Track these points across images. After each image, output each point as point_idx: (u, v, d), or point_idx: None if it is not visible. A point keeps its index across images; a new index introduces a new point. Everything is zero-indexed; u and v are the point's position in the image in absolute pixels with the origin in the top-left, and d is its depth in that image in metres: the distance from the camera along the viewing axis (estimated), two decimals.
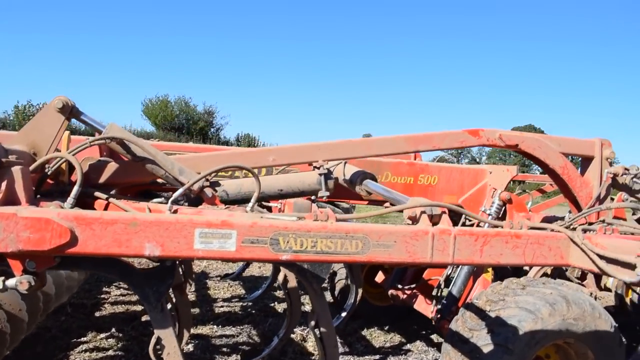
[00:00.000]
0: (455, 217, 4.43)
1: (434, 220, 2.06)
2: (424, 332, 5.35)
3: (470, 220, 4.30)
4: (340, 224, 1.92)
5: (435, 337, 5.18)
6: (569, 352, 3.26)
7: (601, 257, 2.00)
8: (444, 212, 2.06)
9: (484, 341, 3.02)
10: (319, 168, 2.65)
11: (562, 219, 3.45)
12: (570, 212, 3.38)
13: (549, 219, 3.55)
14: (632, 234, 2.34)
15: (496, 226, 2.22)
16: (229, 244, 1.75)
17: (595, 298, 4.14)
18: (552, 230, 2.18)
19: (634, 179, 3.25)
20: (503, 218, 4.09)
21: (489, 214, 3.97)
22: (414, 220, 2.08)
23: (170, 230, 1.67)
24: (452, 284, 4.05)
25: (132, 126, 34.19)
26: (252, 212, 2.34)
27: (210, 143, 36.74)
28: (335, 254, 1.90)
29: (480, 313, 3.19)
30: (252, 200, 2.31)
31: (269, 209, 3.56)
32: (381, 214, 2.11)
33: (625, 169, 3.19)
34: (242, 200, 2.65)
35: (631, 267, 1.89)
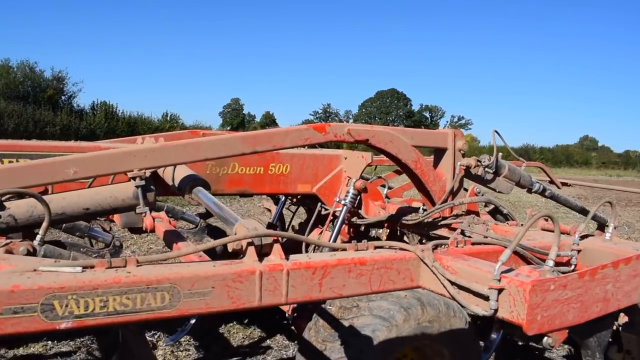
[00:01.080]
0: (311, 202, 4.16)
1: (264, 250, 1.68)
2: (285, 323, 5.09)
3: (326, 210, 4.05)
4: (142, 271, 1.49)
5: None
6: (425, 352, 3.13)
7: (453, 283, 1.76)
8: (276, 241, 1.69)
9: (337, 354, 2.77)
10: (135, 179, 2.17)
11: (417, 210, 3.27)
12: (424, 205, 3.21)
13: (403, 210, 3.37)
14: (487, 244, 2.14)
15: (338, 249, 1.89)
16: None
17: None
18: (401, 249, 1.91)
19: (486, 170, 3.13)
20: (359, 207, 3.87)
21: (344, 204, 3.71)
22: (239, 252, 1.69)
23: None
24: None
25: None
26: (39, 246, 1.84)
27: (62, 113, 33.60)
28: (134, 313, 1.47)
29: (333, 322, 2.93)
30: (40, 232, 1.80)
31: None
32: (207, 248, 1.69)
33: (477, 160, 3.05)
34: (38, 225, 2.11)
35: (484, 297, 1.67)
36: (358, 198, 3.79)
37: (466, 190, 3.18)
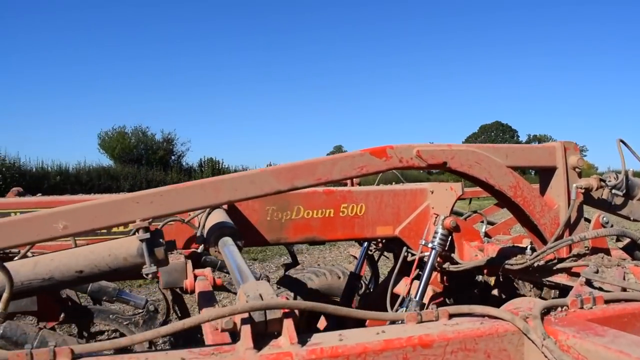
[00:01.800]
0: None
1: (271, 328, 1.12)
2: None
3: (413, 255, 3.40)
4: None
5: None
6: None
7: None
8: (288, 315, 1.12)
9: None
10: (138, 231, 1.70)
11: (524, 250, 2.56)
12: (531, 244, 2.49)
13: (506, 252, 2.66)
14: (630, 300, 1.42)
15: (396, 320, 1.27)
16: None
17: None
18: (490, 316, 1.26)
19: (614, 191, 2.37)
20: (451, 251, 3.18)
21: (432, 247, 3.05)
22: (233, 331, 1.13)
23: None
24: None
25: (85, 162, 32.65)
26: None
27: (172, 172, 35.31)
28: None
29: None
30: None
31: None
32: (167, 333, 1.16)
33: (600, 179, 2.31)
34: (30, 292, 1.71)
35: None
36: (449, 239, 3.12)
37: (588, 221, 2.43)
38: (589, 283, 1.77)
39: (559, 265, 2.24)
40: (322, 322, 4.37)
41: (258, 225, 3.08)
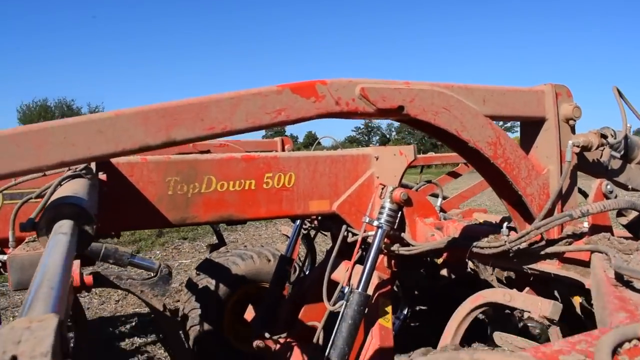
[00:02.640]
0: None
1: None
2: None
3: (355, 235, 2.79)
4: None
5: None
6: None
7: None
8: None
9: None
10: None
11: (497, 229, 1.98)
12: (509, 223, 1.91)
13: (473, 231, 2.08)
14: None
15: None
16: None
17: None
18: None
19: (611, 152, 1.83)
20: (401, 229, 2.59)
21: (378, 226, 2.45)
22: None
23: None
24: (332, 336, 2.47)
25: None
26: None
27: None
28: None
29: None
30: None
31: None
32: None
33: (602, 135, 1.75)
34: None
35: None
36: (399, 215, 2.52)
37: (583, 193, 1.89)
38: (619, 278, 1.19)
39: (549, 249, 1.67)
40: (249, 312, 3.73)
41: (156, 201, 2.37)
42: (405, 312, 4.19)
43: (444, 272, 3.78)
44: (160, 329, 2.51)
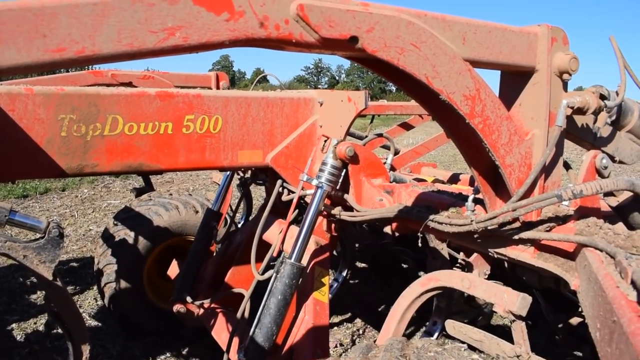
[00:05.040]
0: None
1: None
2: None
3: (291, 192, 2.40)
4: None
5: None
6: None
7: None
8: None
9: None
10: None
11: (462, 201, 1.63)
12: (476, 193, 1.56)
13: (430, 200, 1.74)
14: None
15: None
16: None
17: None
18: None
19: (609, 115, 1.49)
20: (345, 190, 2.22)
21: (318, 185, 2.07)
22: None
23: None
24: (259, 312, 2.11)
25: None
26: None
27: None
28: None
29: None
30: None
31: None
32: None
33: (602, 96, 1.40)
34: None
35: None
36: (343, 174, 2.15)
37: (568, 165, 1.56)
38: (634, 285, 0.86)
39: (525, 234, 1.34)
40: (174, 268, 3.34)
41: (45, 145, 1.89)
42: (344, 273, 3.89)
43: (387, 229, 3.49)
44: (51, 302, 2.03)
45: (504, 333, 1.55)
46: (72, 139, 1.91)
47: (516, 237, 1.35)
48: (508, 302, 1.42)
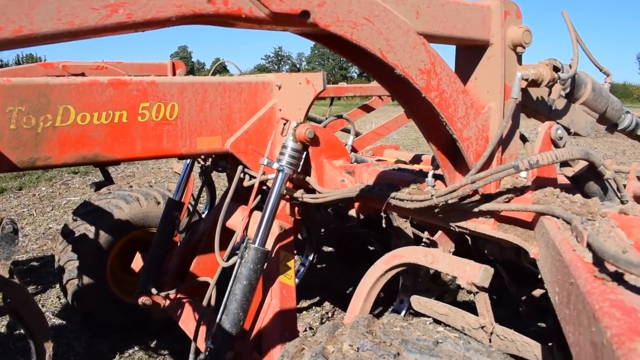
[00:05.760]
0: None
1: None
2: None
3: (252, 177, 2.37)
4: None
5: None
6: None
7: None
8: None
9: None
10: None
11: (422, 177, 1.64)
12: (436, 169, 1.57)
13: (391, 179, 1.75)
14: None
15: None
16: None
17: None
18: None
19: (563, 88, 1.51)
20: (306, 173, 2.21)
21: (279, 169, 2.06)
22: None
23: None
24: (225, 298, 2.09)
25: None
26: None
27: None
28: None
29: None
30: None
31: None
32: None
33: (555, 67, 1.41)
34: None
35: None
36: (304, 156, 2.14)
37: (524, 138, 1.58)
38: (597, 263, 0.87)
39: (485, 206, 1.35)
40: (137, 262, 3.28)
41: None
42: (311, 257, 3.89)
43: (352, 212, 3.50)
44: (8, 301, 1.96)
45: (470, 309, 1.56)
46: (22, 131, 1.85)
47: (476, 209, 1.37)
48: (471, 274, 1.44)
